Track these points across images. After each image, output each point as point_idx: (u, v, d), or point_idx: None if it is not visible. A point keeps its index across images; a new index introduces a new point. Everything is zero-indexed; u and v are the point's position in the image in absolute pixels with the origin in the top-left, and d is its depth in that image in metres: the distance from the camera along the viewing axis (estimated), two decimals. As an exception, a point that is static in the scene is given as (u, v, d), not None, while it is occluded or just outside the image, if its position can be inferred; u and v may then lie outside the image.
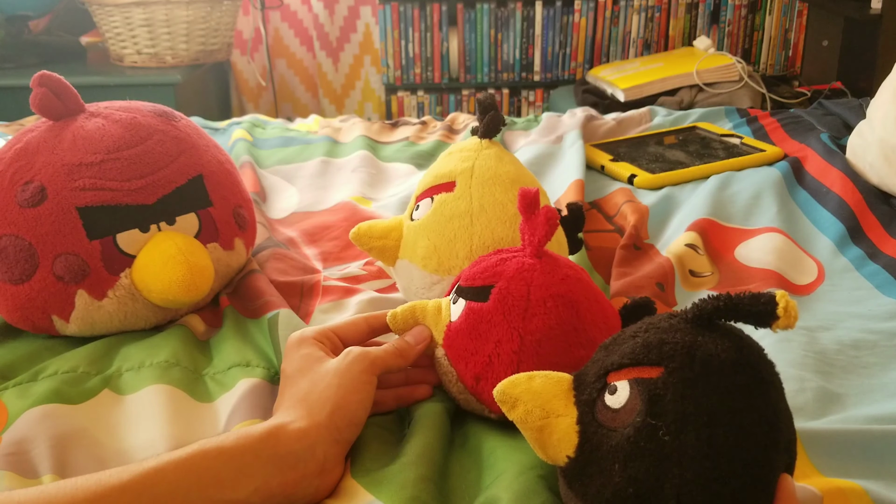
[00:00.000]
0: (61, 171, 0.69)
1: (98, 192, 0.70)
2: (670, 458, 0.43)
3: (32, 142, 0.71)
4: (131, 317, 0.72)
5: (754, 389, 0.44)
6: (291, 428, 0.52)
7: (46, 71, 0.72)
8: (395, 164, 1.24)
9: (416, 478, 0.52)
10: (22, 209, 0.69)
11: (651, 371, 0.45)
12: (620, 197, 1.07)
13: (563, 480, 0.48)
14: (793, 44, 2.52)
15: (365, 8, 2.61)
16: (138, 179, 0.71)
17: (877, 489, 0.52)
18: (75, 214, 0.69)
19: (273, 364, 0.68)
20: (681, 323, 0.47)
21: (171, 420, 0.61)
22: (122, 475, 0.47)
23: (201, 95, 2.31)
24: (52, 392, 0.62)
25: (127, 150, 0.72)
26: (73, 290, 0.69)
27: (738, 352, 0.45)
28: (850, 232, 0.94)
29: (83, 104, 0.74)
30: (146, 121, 0.75)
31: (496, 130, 0.78)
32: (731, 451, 0.42)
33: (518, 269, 0.59)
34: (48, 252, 0.68)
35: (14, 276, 0.69)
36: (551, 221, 0.58)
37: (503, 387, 0.50)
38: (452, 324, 0.60)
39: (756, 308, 0.43)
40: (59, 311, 0.70)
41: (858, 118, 1.22)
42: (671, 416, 0.43)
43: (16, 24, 2.13)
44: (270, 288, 0.78)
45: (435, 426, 0.58)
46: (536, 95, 2.53)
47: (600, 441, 0.45)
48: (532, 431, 0.49)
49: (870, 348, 0.72)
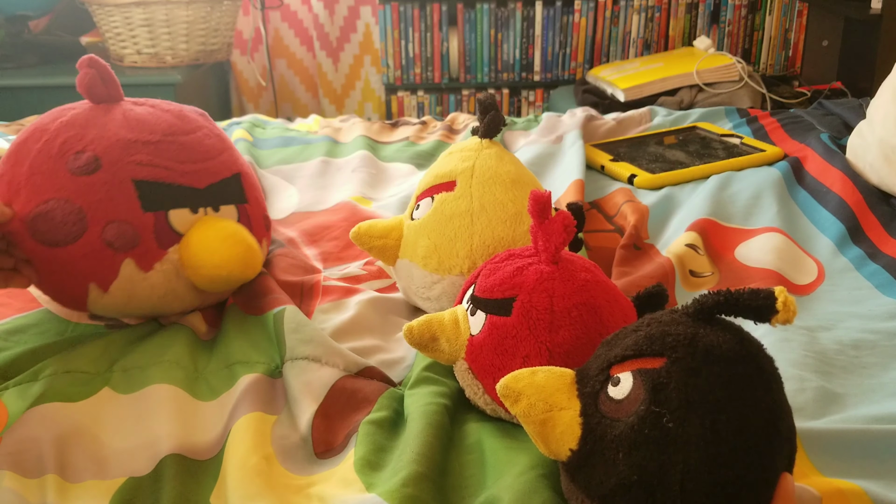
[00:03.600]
0: (116, 145, 0.72)
1: (154, 169, 0.72)
2: (674, 444, 0.43)
3: (79, 117, 0.73)
4: (170, 295, 0.73)
5: (756, 380, 0.45)
6: None
7: (95, 56, 0.75)
8: (395, 164, 1.24)
9: (415, 476, 0.52)
10: (74, 176, 0.70)
11: (654, 362, 0.46)
12: (620, 197, 1.07)
13: (565, 475, 0.48)
14: (793, 44, 2.52)
15: (365, 8, 2.61)
16: (191, 164, 0.74)
17: (876, 489, 0.52)
18: (131, 186, 0.71)
19: (274, 359, 0.68)
20: (682, 317, 0.48)
21: (172, 419, 0.61)
22: None
23: (201, 95, 2.31)
24: (52, 392, 0.62)
25: (182, 136, 0.75)
26: (121, 259, 0.70)
27: (739, 344, 0.46)
28: (850, 232, 0.94)
29: (122, 93, 0.78)
30: (191, 115, 0.79)
31: (496, 130, 0.78)
32: (734, 437, 0.43)
33: (538, 280, 0.58)
34: (99, 218, 0.70)
35: (58, 237, 0.69)
36: (569, 228, 0.58)
37: (506, 381, 0.50)
38: (475, 338, 0.60)
39: (756, 303, 0.44)
40: (101, 279, 0.71)
41: (858, 118, 1.22)
42: (675, 404, 0.43)
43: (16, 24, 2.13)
44: (276, 287, 0.78)
45: (435, 425, 0.58)
46: (536, 95, 2.53)
47: (604, 431, 0.46)
48: (535, 425, 0.48)
49: (870, 348, 0.72)
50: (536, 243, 0.60)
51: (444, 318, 0.62)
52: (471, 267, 0.72)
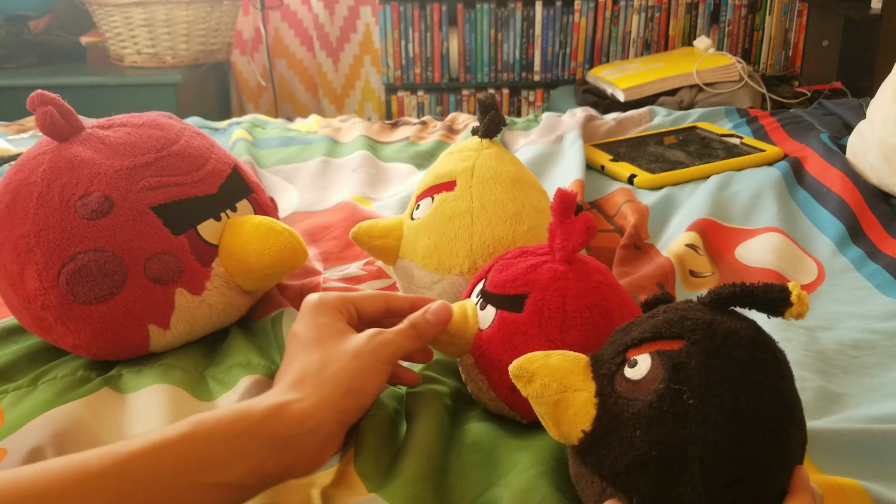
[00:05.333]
0: (117, 176, 0.66)
1: (166, 189, 0.68)
2: (695, 420, 0.43)
3: (60, 160, 0.67)
4: (228, 307, 0.71)
5: (773, 366, 0.46)
6: (295, 408, 0.49)
7: (43, 91, 0.69)
8: (395, 164, 1.24)
9: (415, 476, 0.52)
10: (90, 222, 0.64)
11: (673, 344, 0.46)
12: (620, 197, 1.07)
13: (574, 459, 0.48)
14: (793, 44, 2.52)
15: (365, 8, 2.61)
16: (196, 171, 0.70)
17: (877, 489, 0.52)
18: (151, 215, 0.66)
19: (275, 362, 0.68)
20: (698, 305, 0.48)
21: (172, 418, 0.61)
22: (103, 459, 0.44)
23: (201, 95, 2.32)
24: (53, 399, 0.62)
25: (173, 147, 0.70)
26: (172, 290, 0.66)
27: (755, 332, 0.47)
28: (850, 232, 0.94)
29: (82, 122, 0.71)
30: (164, 121, 0.74)
31: (496, 130, 0.78)
32: (753, 418, 0.43)
33: (551, 278, 0.58)
34: (136, 257, 0.65)
35: (103, 292, 0.64)
36: (591, 231, 0.57)
37: (519, 362, 0.49)
38: (483, 332, 0.59)
39: (771, 295, 0.45)
40: (158, 318, 0.67)
41: (858, 118, 1.22)
42: (695, 381, 0.44)
43: (16, 24, 2.13)
44: (275, 292, 0.78)
45: (435, 423, 0.57)
46: (536, 95, 2.53)
47: (620, 411, 0.46)
48: (548, 406, 0.48)
49: (870, 348, 0.72)
50: (552, 241, 0.59)
51: (453, 310, 0.62)
52: (471, 267, 0.72)
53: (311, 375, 0.52)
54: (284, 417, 0.49)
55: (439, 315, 0.58)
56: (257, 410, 0.49)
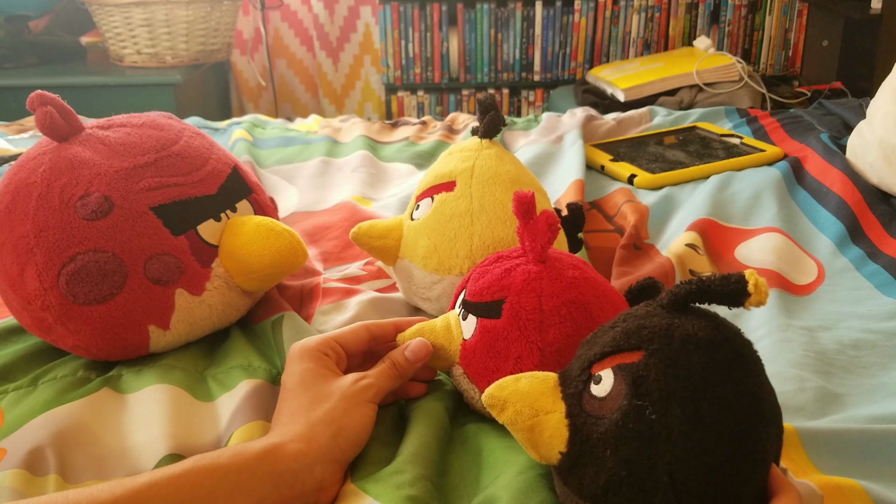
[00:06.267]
0: (117, 177, 0.66)
1: (166, 190, 0.68)
2: (659, 435, 0.43)
3: (60, 160, 0.67)
4: (228, 308, 0.71)
5: (733, 364, 0.45)
6: (290, 448, 0.52)
7: (42, 91, 0.69)
8: (395, 164, 1.24)
9: (414, 477, 0.52)
10: (90, 223, 0.65)
11: (632, 356, 0.46)
12: (620, 197, 1.07)
13: (558, 479, 0.49)
14: (793, 44, 2.52)
15: (365, 8, 2.61)
16: (195, 172, 0.70)
17: (877, 489, 0.52)
18: (151, 215, 0.66)
19: (276, 366, 0.68)
20: (657, 309, 0.48)
21: (172, 418, 0.61)
22: (114, 490, 0.46)
23: (201, 95, 2.31)
24: (52, 399, 0.62)
25: (173, 147, 0.71)
26: (172, 291, 0.67)
27: (714, 330, 0.46)
28: (850, 232, 0.94)
29: (81, 122, 0.71)
30: (164, 122, 0.74)
31: (496, 130, 0.78)
32: (717, 423, 0.43)
33: (525, 280, 0.58)
34: (136, 258, 0.65)
35: (102, 292, 0.64)
36: (553, 227, 0.58)
37: (491, 391, 0.50)
38: (467, 342, 0.60)
39: (727, 288, 0.44)
40: (158, 318, 0.67)
41: (858, 118, 1.22)
42: (655, 395, 0.44)
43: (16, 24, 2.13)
44: (275, 293, 0.78)
45: (433, 425, 0.58)
46: (536, 95, 2.53)
47: (590, 430, 0.46)
48: (523, 432, 0.49)
49: (870, 348, 0.72)
50: (523, 244, 0.60)
51: (435, 325, 0.63)
52: (471, 267, 0.72)
53: (302, 416, 0.55)
54: (279, 455, 0.51)
55: (417, 353, 0.61)
56: (253, 449, 0.51)
